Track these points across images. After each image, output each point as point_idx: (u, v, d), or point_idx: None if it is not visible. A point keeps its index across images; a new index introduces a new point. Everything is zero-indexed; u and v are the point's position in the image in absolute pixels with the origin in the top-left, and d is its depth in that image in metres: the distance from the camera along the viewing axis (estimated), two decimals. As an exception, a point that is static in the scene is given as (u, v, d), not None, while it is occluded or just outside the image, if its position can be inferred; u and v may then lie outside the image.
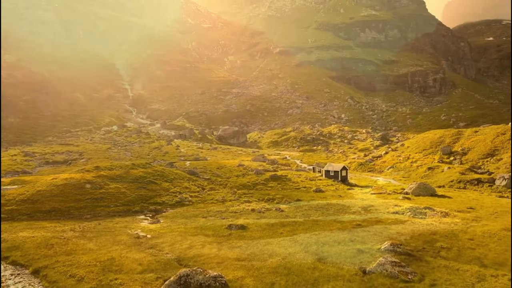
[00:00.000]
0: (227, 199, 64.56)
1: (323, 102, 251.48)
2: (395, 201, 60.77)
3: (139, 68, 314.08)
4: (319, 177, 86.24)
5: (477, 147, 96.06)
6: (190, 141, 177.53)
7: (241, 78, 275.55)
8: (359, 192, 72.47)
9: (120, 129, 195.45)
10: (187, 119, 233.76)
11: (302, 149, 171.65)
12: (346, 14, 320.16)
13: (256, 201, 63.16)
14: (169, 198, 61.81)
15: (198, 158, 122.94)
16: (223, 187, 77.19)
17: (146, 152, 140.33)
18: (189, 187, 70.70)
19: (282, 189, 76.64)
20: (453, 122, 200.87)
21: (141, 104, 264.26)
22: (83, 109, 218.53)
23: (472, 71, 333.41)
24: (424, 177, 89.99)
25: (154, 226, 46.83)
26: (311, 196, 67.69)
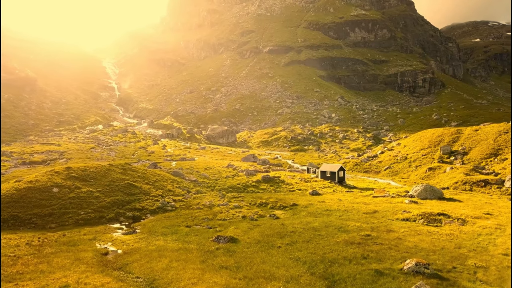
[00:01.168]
0: (215, 203, 57.00)
1: (314, 102, 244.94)
2: (401, 205, 53.84)
3: (127, 66, 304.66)
4: (315, 179, 79.13)
5: (479, 146, 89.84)
6: (177, 141, 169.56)
7: (231, 77, 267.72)
8: (359, 195, 65.45)
9: (105, 128, 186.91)
10: (175, 118, 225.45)
11: (293, 148, 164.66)
12: (336, 14, 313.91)
13: (248, 206, 55.75)
14: (149, 203, 54.07)
15: (185, 158, 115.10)
16: (211, 189, 69.64)
17: (131, 152, 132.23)
18: (173, 190, 63.00)
19: (275, 192, 69.37)
20: (445, 121, 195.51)
21: (128, 103, 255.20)
22: (67, 108, 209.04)
23: (460, 71, 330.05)
24: (425, 178, 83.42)
25: (129, 238, 39.13)
26: (308, 200, 60.46)
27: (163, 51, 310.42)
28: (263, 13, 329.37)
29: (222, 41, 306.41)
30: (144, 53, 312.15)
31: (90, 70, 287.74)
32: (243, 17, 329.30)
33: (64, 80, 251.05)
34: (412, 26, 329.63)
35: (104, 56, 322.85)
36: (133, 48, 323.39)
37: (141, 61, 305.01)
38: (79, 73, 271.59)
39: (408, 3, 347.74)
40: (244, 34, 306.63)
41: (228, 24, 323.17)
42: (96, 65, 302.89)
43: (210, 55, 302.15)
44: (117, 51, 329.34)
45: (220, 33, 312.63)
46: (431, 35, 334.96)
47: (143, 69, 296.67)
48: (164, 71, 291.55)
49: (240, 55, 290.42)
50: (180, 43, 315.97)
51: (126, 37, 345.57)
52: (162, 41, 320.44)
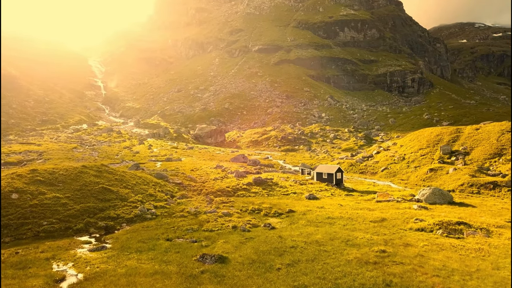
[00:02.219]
0: (201, 210, 49.77)
1: (303, 101, 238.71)
2: (410, 212, 47.33)
3: (113, 65, 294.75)
4: (310, 181, 72.36)
5: (481, 146, 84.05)
6: (164, 141, 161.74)
7: (219, 76, 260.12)
8: (361, 199, 58.85)
9: (90, 127, 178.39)
10: (163, 117, 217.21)
11: (283, 148, 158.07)
12: (325, 13, 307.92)
13: (238, 213, 48.68)
14: (126, 210, 46.66)
15: (171, 159, 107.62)
16: (197, 193, 62.38)
17: (115, 152, 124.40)
18: (154, 194, 55.62)
19: (268, 196, 62.39)
20: (436, 121, 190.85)
21: (115, 102, 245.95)
22: (51, 107, 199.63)
23: (448, 71, 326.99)
24: (426, 179, 77.25)
25: (96, 256, 31.78)
26: (305, 205, 53.61)
27: (150, 49, 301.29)
28: (252, 12, 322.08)
29: (211, 40, 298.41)
30: (131, 52, 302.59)
31: (76, 68, 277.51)
32: (232, 15, 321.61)
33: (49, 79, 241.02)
34: (400, 26, 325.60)
35: (90, 55, 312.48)
36: (120, 46, 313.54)
37: (128, 60, 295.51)
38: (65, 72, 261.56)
39: (397, 3, 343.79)
40: (233, 33, 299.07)
41: (216, 22, 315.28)
42: (82, 63, 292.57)
43: (199, 53, 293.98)
44: (104, 50, 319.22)
45: (209, 31, 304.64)
46: (419, 35, 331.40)
47: (130, 68, 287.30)
48: (151, 70, 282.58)
49: (229, 54, 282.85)
50: (168, 41, 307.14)
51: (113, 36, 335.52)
52: (149, 39, 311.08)
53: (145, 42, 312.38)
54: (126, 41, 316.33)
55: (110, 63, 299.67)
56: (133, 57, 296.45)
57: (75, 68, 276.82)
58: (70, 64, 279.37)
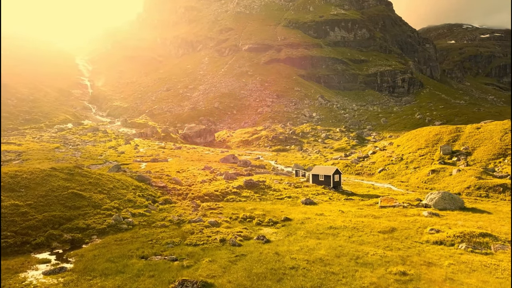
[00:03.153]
0: (185, 218, 43.29)
1: (294, 101, 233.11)
2: (421, 220, 41.46)
3: (101, 64, 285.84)
4: (305, 183, 66.28)
5: (484, 146, 78.86)
6: (151, 140, 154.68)
7: (209, 75, 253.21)
8: (363, 205, 52.89)
9: (75, 127, 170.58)
10: (151, 116, 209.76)
11: (274, 148, 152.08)
12: (316, 13, 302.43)
13: (228, 222, 42.35)
14: (98, 220, 40.03)
15: (157, 159, 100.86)
16: (182, 198, 55.89)
17: (99, 152, 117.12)
18: (134, 200, 49.01)
19: (260, 201, 56.13)
20: (428, 121, 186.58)
21: (102, 101, 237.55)
22: (35, 106, 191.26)
23: (437, 72, 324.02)
24: (428, 181, 71.71)
25: (49, 282, 25.22)
26: (303, 211, 47.48)
27: (139, 48, 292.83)
28: (242, 11, 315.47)
29: (200, 39, 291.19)
30: (119, 50, 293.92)
31: (62, 67, 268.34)
32: (222, 14, 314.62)
33: (34, 77, 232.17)
34: (390, 26, 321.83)
35: (77, 53, 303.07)
36: (108, 45, 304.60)
37: (116, 59, 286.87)
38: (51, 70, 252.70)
39: (387, 3, 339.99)
40: (222, 32, 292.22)
41: (206, 21, 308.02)
42: (69, 62, 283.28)
43: (188, 52, 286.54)
44: (92, 48, 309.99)
45: (198, 30, 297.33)
46: (409, 35, 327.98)
47: (118, 67, 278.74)
48: (140, 69, 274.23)
49: (218, 52, 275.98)
50: (157, 40, 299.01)
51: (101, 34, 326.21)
52: (138, 38, 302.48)
53: (133, 40, 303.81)
54: (114, 40, 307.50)
55: (97, 62, 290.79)
56: (122, 56, 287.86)
57: (62, 67, 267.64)
58: (57, 62, 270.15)
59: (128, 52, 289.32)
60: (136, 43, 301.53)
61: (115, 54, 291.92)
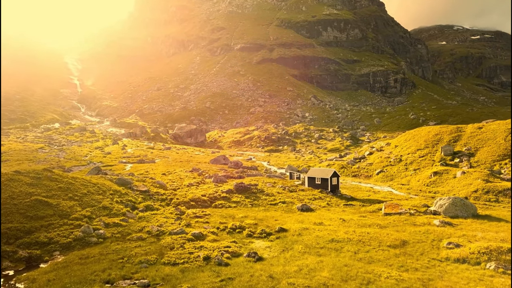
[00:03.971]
0: (166, 229, 37.49)
1: (286, 101, 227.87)
2: (434, 230, 36.09)
3: (91, 63, 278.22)
4: (300, 187, 60.74)
5: (487, 147, 74.00)
6: (140, 141, 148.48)
7: (201, 74, 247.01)
8: (365, 211, 47.47)
9: (62, 126, 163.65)
10: (141, 116, 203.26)
11: (267, 149, 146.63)
12: (308, 12, 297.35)
13: (215, 233, 36.67)
14: (64, 232, 34.15)
15: (143, 161, 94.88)
16: (166, 204, 50.10)
17: (84, 152, 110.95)
18: (110, 207, 43.12)
19: (252, 206, 50.49)
20: (423, 121, 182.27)
21: (91, 100, 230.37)
22: (21, 105, 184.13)
23: (429, 72, 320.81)
24: (430, 184, 66.63)
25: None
26: (299, 220, 41.93)
27: (130, 47, 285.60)
28: (234, 10, 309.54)
29: (192, 38, 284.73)
30: (109, 50, 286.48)
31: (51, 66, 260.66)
32: (214, 13, 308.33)
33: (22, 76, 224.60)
34: (383, 26, 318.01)
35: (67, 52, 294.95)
36: (98, 44, 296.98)
37: (106, 58, 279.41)
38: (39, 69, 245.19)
39: (379, 4, 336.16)
40: (214, 31, 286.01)
41: (198, 20, 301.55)
42: (58, 61, 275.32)
43: (179, 52, 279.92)
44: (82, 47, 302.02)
45: (190, 29, 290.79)
46: (401, 36, 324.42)
47: (108, 66, 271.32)
48: (130, 68, 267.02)
49: (210, 52, 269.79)
50: (148, 39, 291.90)
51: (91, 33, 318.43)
52: (129, 37, 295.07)
53: (124, 39, 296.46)
54: (105, 39, 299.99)
55: (87, 61, 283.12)
56: (112, 55, 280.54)
57: (50, 66, 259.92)
58: (45, 61, 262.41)
59: (118, 51, 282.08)
60: (127, 42, 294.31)
61: (106, 53, 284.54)
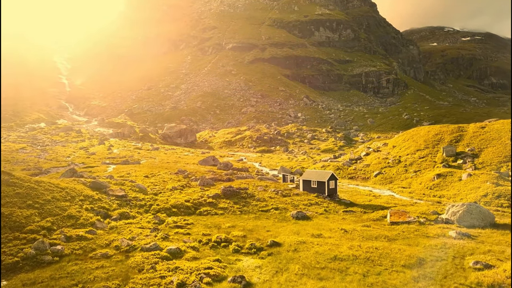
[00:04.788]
0: (138, 243, 31.38)
1: (279, 101, 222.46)
2: (452, 244, 30.50)
3: (80, 62, 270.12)
4: (295, 191, 54.91)
5: (492, 147, 68.91)
6: (128, 141, 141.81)
7: (192, 74, 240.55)
8: (368, 220, 41.74)
9: (48, 126, 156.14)
10: (130, 116, 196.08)
11: (259, 149, 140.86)
12: (301, 12, 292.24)
13: (195, 249, 30.66)
14: (12, 249, 27.98)
15: (128, 162, 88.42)
16: (145, 211, 43.99)
17: (68, 153, 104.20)
18: (77, 215, 36.93)
19: (241, 214, 44.54)
20: (417, 121, 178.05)
21: (80, 100, 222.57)
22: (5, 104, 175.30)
23: (421, 73, 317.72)
24: (434, 187, 61.25)
25: None
26: (294, 230, 36.05)
27: (120, 46, 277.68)
28: (226, 10, 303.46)
29: (183, 37, 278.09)
30: (99, 48, 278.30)
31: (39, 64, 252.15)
32: (205, 13, 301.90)
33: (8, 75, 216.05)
34: (375, 27, 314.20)
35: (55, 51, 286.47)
36: (88, 42, 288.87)
37: (96, 57, 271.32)
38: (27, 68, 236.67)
39: (371, 4, 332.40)
40: (206, 30, 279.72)
41: (189, 19, 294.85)
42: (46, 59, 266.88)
43: (170, 51, 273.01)
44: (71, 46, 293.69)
45: (181, 28, 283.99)
46: (393, 37, 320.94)
47: (97, 65, 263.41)
48: (120, 67, 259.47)
49: (201, 51, 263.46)
50: (139, 38, 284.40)
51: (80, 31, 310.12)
52: (119, 36, 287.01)
53: (114, 38, 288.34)
54: (95, 38, 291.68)
55: (76, 60, 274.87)
56: (101, 54, 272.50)
57: (38, 64, 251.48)
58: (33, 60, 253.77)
59: (108, 50, 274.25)
60: (117, 41, 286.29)
61: (95, 52, 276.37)
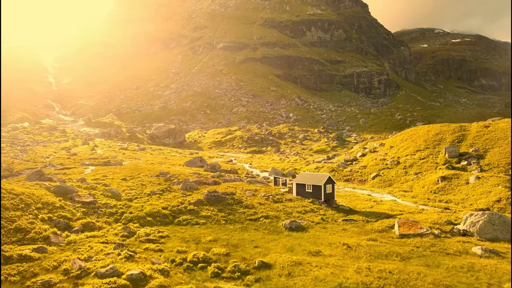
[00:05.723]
0: (93, 267, 24.93)
1: (270, 101, 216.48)
2: (479, 264, 24.55)
3: (68, 61, 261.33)
4: (287, 195, 48.70)
5: (498, 147, 63.46)
6: (114, 141, 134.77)
7: (182, 73, 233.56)
8: (373, 231, 35.63)
9: (31, 126, 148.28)
10: (118, 116, 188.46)
11: (250, 150, 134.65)
12: (292, 12, 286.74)
13: (165, 272, 24.32)
14: None
15: (109, 163, 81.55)
16: (115, 220, 37.51)
17: (48, 153, 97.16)
18: (26, 228, 30.37)
19: (226, 223, 38.20)
20: (410, 121, 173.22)
21: (67, 99, 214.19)
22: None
23: (412, 74, 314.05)
24: (439, 191, 55.50)
25: None
26: (287, 246, 29.83)
27: (109, 45, 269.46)
28: (217, 9, 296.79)
29: (174, 36, 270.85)
30: (88, 47, 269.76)
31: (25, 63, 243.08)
32: (196, 12, 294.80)
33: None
34: (366, 28, 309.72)
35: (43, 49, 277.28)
36: (76, 41, 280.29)
37: (84, 56, 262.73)
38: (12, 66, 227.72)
39: (363, 5, 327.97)
40: (197, 30, 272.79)
41: (180, 18, 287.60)
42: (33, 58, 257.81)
43: (160, 50, 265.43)
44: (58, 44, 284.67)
45: (172, 27, 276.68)
46: (384, 37, 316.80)
47: (85, 64, 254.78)
48: (109, 67, 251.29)
49: (192, 50, 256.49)
50: (128, 37, 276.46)
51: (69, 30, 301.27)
52: (108, 34, 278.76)
53: (103, 37, 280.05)
54: (83, 36, 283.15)
55: (64, 59, 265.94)
56: (90, 53, 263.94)
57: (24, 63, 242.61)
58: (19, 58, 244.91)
59: (97, 48, 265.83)
60: (106, 40, 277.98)
61: (83, 50, 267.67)
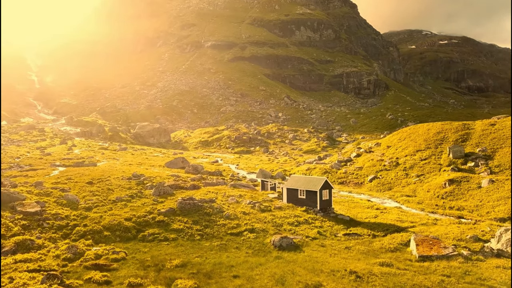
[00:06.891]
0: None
1: (259, 100, 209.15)
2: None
3: (52, 58, 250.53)
4: (276, 202, 41.16)
5: (508, 147, 56.88)
6: (95, 140, 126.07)
7: (169, 72, 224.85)
8: (381, 249, 28.32)
9: (9, 124, 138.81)
10: (102, 115, 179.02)
11: (237, 150, 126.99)
12: (281, 11, 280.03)
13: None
14: None
15: (82, 163, 73.16)
16: (63, 235, 29.63)
17: (21, 153, 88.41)
18: None
19: (201, 239, 30.51)
20: (401, 121, 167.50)
21: (50, 97, 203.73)
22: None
23: (401, 75, 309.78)
24: (447, 196, 48.56)
25: None
26: (277, 276, 22.27)
27: (94, 42, 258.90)
28: (205, 7, 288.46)
29: (161, 34, 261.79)
30: (72, 45, 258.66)
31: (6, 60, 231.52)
32: (184, 10, 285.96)
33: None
34: (355, 28, 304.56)
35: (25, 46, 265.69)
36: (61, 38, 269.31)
37: (69, 53, 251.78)
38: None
39: (352, 5, 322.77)
40: (184, 28, 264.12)
41: (167, 16, 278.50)
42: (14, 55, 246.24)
43: (147, 48, 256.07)
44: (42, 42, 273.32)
45: (159, 25, 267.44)
46: (373, 38, 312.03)
47: (69, 62, 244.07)
48: (94, 65, 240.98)
49: (180, 49, 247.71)
50: (114, 35, 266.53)
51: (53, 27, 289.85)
52: (93, 32, 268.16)
53: (89, 34, 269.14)
54: (68, 33, 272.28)
55: (48, 57, 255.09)
56: (74, 50, 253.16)
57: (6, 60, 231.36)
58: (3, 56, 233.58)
59: (81, 46, 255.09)
60: (91, 38, 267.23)
61: (68, 48, 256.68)
